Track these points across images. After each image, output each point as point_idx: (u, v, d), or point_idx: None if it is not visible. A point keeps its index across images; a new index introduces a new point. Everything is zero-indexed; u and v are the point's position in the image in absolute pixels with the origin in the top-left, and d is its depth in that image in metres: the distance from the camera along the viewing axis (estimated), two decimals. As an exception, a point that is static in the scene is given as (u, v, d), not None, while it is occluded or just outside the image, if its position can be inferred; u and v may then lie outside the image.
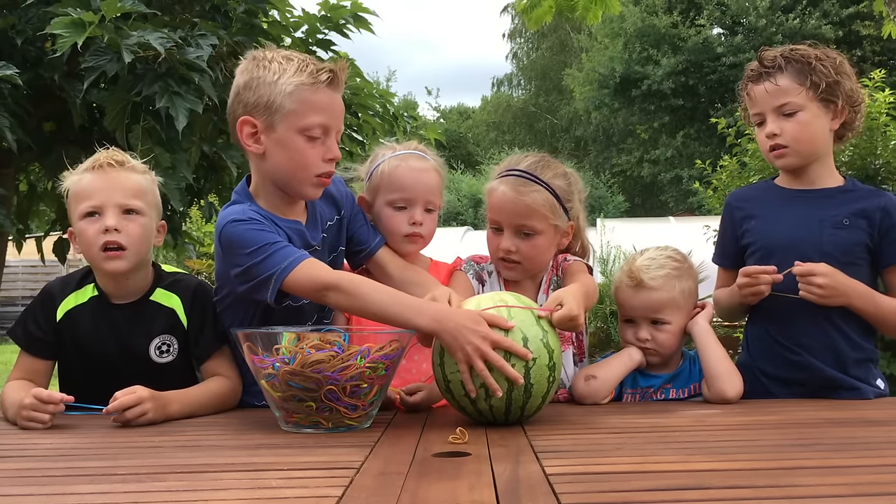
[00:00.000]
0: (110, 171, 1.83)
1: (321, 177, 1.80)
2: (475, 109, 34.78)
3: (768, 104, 1.96)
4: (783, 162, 1.99)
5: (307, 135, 1.75)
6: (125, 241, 1.80)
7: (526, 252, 1.94)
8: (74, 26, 2.53)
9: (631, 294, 1.97)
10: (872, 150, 4.99)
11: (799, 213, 1.94)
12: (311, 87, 1.73)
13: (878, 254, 1.94)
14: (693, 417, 1.70)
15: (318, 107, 1.74)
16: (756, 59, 2.01)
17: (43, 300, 1.88)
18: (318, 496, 1.06)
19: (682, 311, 1.96)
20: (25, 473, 1.25)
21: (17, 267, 13.37)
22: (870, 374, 1.97)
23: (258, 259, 1.67)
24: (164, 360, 1.87)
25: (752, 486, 1.09)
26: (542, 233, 1.92)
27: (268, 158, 1.78)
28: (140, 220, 1.83)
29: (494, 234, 1.98)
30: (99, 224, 1.80)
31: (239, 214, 1.74)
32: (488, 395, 1.55)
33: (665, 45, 21.33)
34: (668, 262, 1.98)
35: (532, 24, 5.94)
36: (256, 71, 1.76)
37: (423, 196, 2.03)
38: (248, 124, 1.76)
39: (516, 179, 1.93)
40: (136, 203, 1.83)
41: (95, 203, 1.81)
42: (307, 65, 1.76)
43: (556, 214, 1.92)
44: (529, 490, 1.06)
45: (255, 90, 1.75)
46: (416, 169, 2.03)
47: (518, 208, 1.91)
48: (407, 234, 2.03)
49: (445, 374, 1.60)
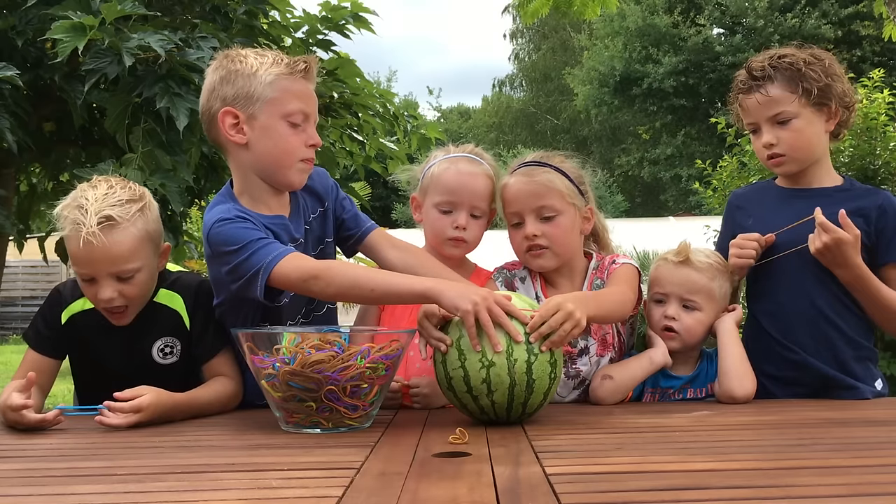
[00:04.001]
0: (95, 245, 1.69)
1: (304, 161, 1.84)
2: (476, 110, 34.78)
3: (762, 115, 1.97)
4: (782, 169, 2.01)
5: (290, 121, 1.80)
6: (124, 302, 1.78)
7: (551, 234, 1.92)
8: (75, 30, 2.53)
9: (672, 270, 1.97)
10: (872, 150, 4.99)
11: (797, 213, 1.95)
12: (289, 77, 1.79)
13: (874, 251, 1.94)
14: (693, 417, 1.70)
15: (297, 94, 1.80)
16: (744, 69, 2.01)
17: (51, 301, 1.89)
18: (318, 496, 1.07)
19: (714, 305, 1.95)
20: (25, 473, 1.25)
21: (18, 267, 13.37)
22: (868, 373, 1.97)
23: (244, 256, 1.70)
24: (168, 362, 1.87)
25: (751, 486, 1.09)
26: (563, 212, 1.92)
27: (251, 148, 1.81)
28: (138, 279, 1.78)
29: (516, 230, 1.97)
30: (94, 290, 1.77)
31: (224, 213, 1.77)
32: (491, 390, 1.55)
33: (665, 45, 21.35)
34: (714, 256, 2.01)
35: (527, 18, 5.94)
36: (232, 66, 1.80)
37: (469, 201, 2.02)
38: (230, 115, 1.79)
39: (526, 168, 1.95)
40: (131, 266, 1.75)
41: (85, 272, 1.76)
42: (281, 58, 1.82)
43: (572, 193, 1.93)
44: (529, 490, 1.06)
45: (233, 83, 1.79)
46: (464, 173, 2.04)
47: (534, 189, 1.91)
48: (450, 238, 2.03)
49: (447, 371, 1.60)
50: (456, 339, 1.59)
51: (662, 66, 21.08)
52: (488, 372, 1.55)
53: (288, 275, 1.68)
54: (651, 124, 22.94)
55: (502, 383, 1.55)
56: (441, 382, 1.64)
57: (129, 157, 2.74)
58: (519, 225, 1.96)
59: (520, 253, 1.99)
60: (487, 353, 1.55)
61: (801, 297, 1.94)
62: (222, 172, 3.31)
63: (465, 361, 1.57)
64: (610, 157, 26.01)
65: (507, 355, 1.55)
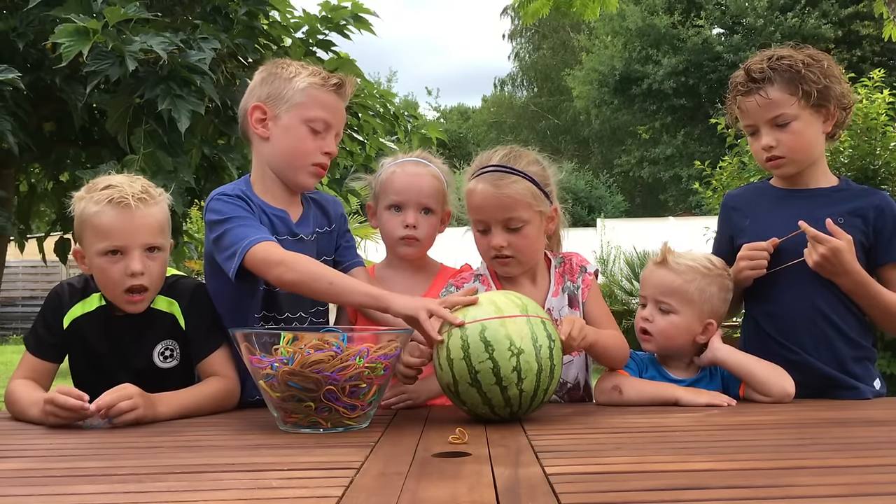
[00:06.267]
0: (135, 210, 1.77)
1: (317, 166, 1.94)
2: (475, 110, 34.79)
3: (761, 117, 1.96)
4: (781, 171, 2.01)
5: (310, 126, 1.91)
6: (148, 282, 1.81)
7: (517, 245, 1.91)
8: (78, 34, 2.53)
9: (651, 271, 1.97)
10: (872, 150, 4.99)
11: (793, 214, 1.94)
12: (320, 88, 1.92)
13: (872, 252, 1.94)
14: (692, 417, 1.70)
15: (323, 104, 1.92)
16: (742, 71, 2.00)
17: (52, 305, 1.89)
18: (318, 496, 1.07)
19: (693, 308, 1.91)
20: (25, 473, 1.25)
21: (18, 267, 13.38)
22: (868, 373, 1.97)
23: (228, 227, 1.82)
24: (169, 365, 1.88)
25: (751, 486, 1.09)
26: (529, 222, 1.90)
27: (271, 142, 1.94)
28: (161, 257, 1.84)
29: (482, 235, 1.95)
30: (122, 265, 1.78)
31: (228, 190, 1.91)
32: (521, 378, 1.56)
33: (665, 45, 21.35)
34: (702, 259, 1.96)
35: (528, 18, 5.93)
36: (275, 70, 1.95)
37: (416, 199, 2.07)
38: (259, 110, 1.93)
39: (492, 175, 1.89)
40: (160, 240, 1.83)
41: (118, 244, 1.78)
42: (321, 72, 1.96)
43: (538, 201, 1.90)
44: (529, 490, 1.06)
45: (270, 84, 1.93)
46: (410, 173, 2.11)
47: (502, 202, 1.88)
48: (402, 237, 2.07)
49: (473, 366, 1.57)
50: (480, 332, 1.58)
51: (662, 66, 21.08)
52: (518, 359, 1.56)
53: (257, 258, 1.77)
54: (651, 124, 22.94)
55: (531, 370, 1.57)
56: (461, 381, 1.59)
57: (131, 158, 2.74)
58: (485, 231, 1.94)
59: (486, 257, 1.99)
60: (516, 340, 1.56)
61: (800, 298, 1.94)
62: (222, 173, 3.32)
63: (494, 352, 1.56)
64: (610, 157, 26.02)
65: (533, 341, 1.57)
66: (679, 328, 1.92)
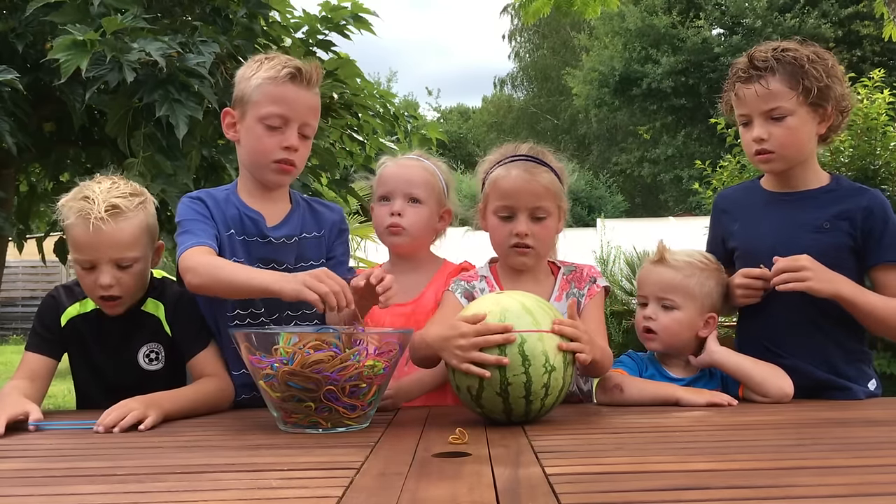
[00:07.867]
0: (102, 227, 1.76)
1: (279, 163, 1.92)
2: (475, 110, 34.78)
3: (757, 107, 1.92)
4: (769, 167, 1.97)
5: (265, 124, 1.90)
6: (120, 291, 1.83)
7: (540, 235, 1.90)
8: (76, 48, 2.54)
9: (649, 270, 1.98)
10: (872, 150, 4.99)
11: (780, 218, 1.93)
12: (272, 82, 1.89)
13: (862, 254, 1.92)
14: (693, 417, 1.70)
15: (276, 99, 1.89)
16: (746, 57, 1.96)
17: (48, 305, 1.93)
18: (318, 496, 1.07)
19: (695, 303, 1.92)
20: (25, 473, 1.25)
21: (17, 267, 13.37)
22: (861, 374, 1.95)
23: (180, 231, 1.87)
24: (154, 368, 1.92)
25: (751, 486, 1.09)
26: (552, 215, 1.91)
27: (241, 145, 1.97)
28: (135, 269, 1.85)
29: (504, 222, 1.90)
30: (93, 277, 1.82)
31: (196, 193, 1.97)
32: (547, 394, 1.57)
33: (665, 45, 21.36)
34: (698, 255, 1.99)
35: (529, 18, 5.93)
36: (243, 70, 1.96)
37: (403, 188, 2.08)
38: (229, 115, 1.97)
39: (525, 163, 1.89)
40: (131, 255, 1.83)
41: (88, 258, 1.81)
42: (280, 63, 1.91)
43: (561, 196, 1.92)
44: (529, 490, 1.06)
45: (237, 85, 1.96)
46: (400, 165, 2.14)
47: (534, 189, 1.87)
48: (388, 226, 2.07)
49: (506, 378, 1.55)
50: (519, 345, 1.55)
51: (661, 66, 21.08)
52: (550, 377, 1.57)
53: (181, 265, 1.80)
54: (651, 124, 22.94)
55: (557, 387, 1.59)
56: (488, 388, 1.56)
57: (131, 161, 2.75)
58: (508, 218, 1.90)
59: (502, 247, 1.93)
60: (550, 357, 1.56)
61: (791, 304, 1.89)
62: (222, 173, 3.31)
63: (530, 367, 1.55)
64: (609, 157, 26.01)
65: (563, 357, 1.59)
66: (682, 324, 1.93)
